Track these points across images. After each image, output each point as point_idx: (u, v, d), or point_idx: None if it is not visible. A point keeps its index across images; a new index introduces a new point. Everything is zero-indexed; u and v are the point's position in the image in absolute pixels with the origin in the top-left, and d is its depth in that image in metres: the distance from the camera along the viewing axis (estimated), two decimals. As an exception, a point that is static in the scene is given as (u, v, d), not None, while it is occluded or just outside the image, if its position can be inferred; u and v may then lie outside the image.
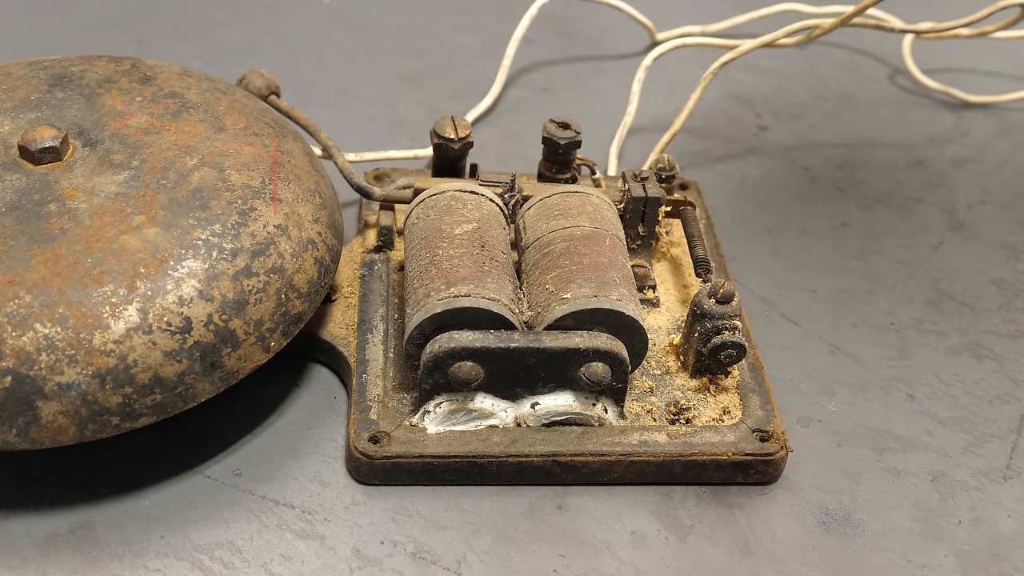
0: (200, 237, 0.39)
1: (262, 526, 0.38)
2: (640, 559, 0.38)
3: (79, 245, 0.37)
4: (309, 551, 0.37)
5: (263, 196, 0.41)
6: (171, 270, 0.38)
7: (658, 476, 0.40)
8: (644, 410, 0.42)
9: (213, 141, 0.43)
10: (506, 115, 0.64)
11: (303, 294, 0.41)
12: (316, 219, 0.43)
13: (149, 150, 0.42)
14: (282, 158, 0.44)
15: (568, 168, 0.50)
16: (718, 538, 0.39)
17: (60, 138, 0.41)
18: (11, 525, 0.38)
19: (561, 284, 0.40)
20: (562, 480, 0.40)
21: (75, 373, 0.35)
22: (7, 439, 0.35)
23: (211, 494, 0.39)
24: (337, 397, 0.44)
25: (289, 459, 0.41)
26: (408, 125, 0.62)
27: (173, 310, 0.37)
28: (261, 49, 0.69)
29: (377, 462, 0.39)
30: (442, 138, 0.49)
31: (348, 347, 0.43)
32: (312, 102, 0.62)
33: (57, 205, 0.39)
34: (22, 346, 0.35)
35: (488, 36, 0.71)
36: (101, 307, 0.36)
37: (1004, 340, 0.49)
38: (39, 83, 0.45)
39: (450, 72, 0.68)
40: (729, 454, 0.40)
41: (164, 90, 0.46)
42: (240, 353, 0.38)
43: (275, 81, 0.52)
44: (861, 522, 0.40)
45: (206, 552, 0.37)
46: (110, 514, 0.38)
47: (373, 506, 0.39)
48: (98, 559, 0.37)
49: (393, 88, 0.66)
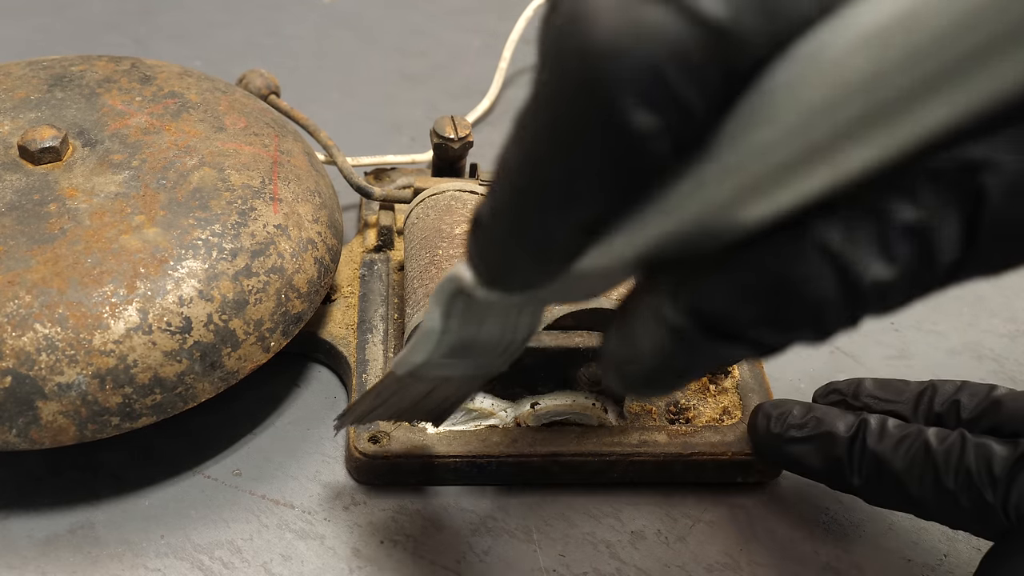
0: (200, 237, 0.39)
1: (262, 526, 0.38)
2: (640, 559, 0.38)
3: (79, 245, 0.37)
4: (309, 551, 0.37)
5: (263, 196, 0.41)
6: (171, 270, 0.38)
7: (658, 476, 0.40)
8: (644, 410, 0.42)
9: (213, 141, 0.43)
10: (506, 115, 0.63)
11: (303, 294, 0.41)
12: (316, 219, 0.43)
13: (149, 150, 0.42)
14: (282, 158, 0.44)
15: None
16: (718, 538, 0.39)
17: (60, 138, 0.41)
18: (11, 525, 0.38)
19: (561, 284, 0.40)
20: (562, 480, 0.40)
21: (75, 373, 0.35)
22: (7, 439, 0.35)
23: (211, 494, 0.39)
24: (337, 397, 0.44)
25: (289, 459, 0.41)
26: (408, 125, 0.62)
27: (173, 310, 0.37)
28: (261, 49, 0.69)
29: (377, 462, 0.39)
30: (442, 138, 0.49)
31: (348, 347, 0.43)
32: (312, 102, 0.62)
33: (57, 205, 0.39)
34: (22, 346, 0.35)
35: (488, 36, 0.71)
36: (101, 307, 0.36)
37: (1004, 340, 0.49)
38: (39, 83, 0.45)
39: (450, 72, 0.68)
40: (729, 454, 0.40)
41: (164, 90, 0.46)
42: (240, 353, 0.38)
43: (275, 81, 0.52)
44: (861, 522, 0.40)
45: (206, 552, 0.37)
46: (110, 514, 0.38)
47: (373, 506, 0.39)
48: (98, 559, 0.37)
49: (393, 88, 0.66)
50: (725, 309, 0.21)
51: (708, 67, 0.18)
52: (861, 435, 0.35)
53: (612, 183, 0.20)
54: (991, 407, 0.35)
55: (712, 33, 0.18)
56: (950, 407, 0.36)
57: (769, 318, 0.21)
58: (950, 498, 0.33)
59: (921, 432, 0.34)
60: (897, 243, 0.20)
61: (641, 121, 0.18)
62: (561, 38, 0.19)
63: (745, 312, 0.21)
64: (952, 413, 0.36)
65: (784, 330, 0.21)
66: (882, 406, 0.37)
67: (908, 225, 0.20)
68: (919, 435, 0.34)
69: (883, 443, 0.34)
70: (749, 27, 0.18)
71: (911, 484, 0.34)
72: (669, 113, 0.18)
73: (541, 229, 0.21)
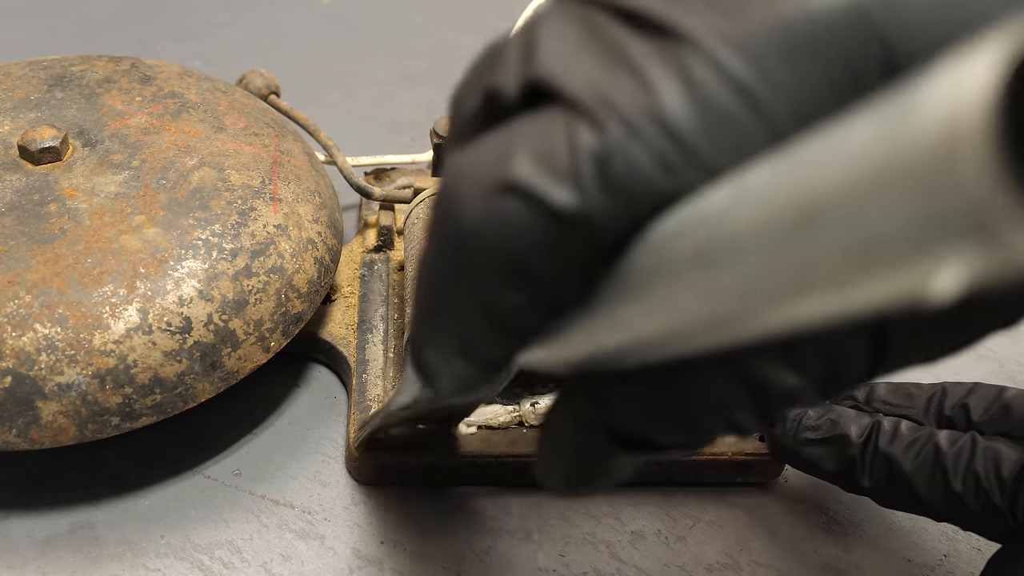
0: (200, 237, 0.39)
1: (262, 526, 0.38)
2: (640, 559, 0.38)
3: (79, 245, 0.37)
4: (309, 551, 0.37)
5: (263, 196, 0.41)
6: (171, 270, 0.38)
7: (658, 476, 0.40)
8: (644, 410, 0.42)
9: (213, 141, 0.43)
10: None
11: (303, 294, 0.41)
12: (316, 219, 0.43)
13: (149, 150, 0.42)
14: (282, 158, 0.44)
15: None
16: (718, 538, 0.39)
17: (60, 138, 0.41)
18: (11, 525, 0.38)
19: (561, 284, 0.40)
20: (562, 480, 0.40)
21: (75, 373, 0.35)
22: (7, 439, 0.35)
23: (211, 494, 0.39)
24: (337, 397, 0.44)
25: (289, 459, 0.41)
26: (408, 125, 0.62)
27: (173, 310, 0.37)
28: (261, 49, 0.69)
29: (377, 462, 0.39)
30: (442, 138, 0.49)
31: (348, 347, 0.43)
32: (312, 102, 0.62)
33: (57, 205, 0.39)
34: (22, 346, 0.35)
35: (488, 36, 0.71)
36: (101, 307, 0.36)
37: (1004, 340, 0.49)
38: (39, 83, 0.45)
39: (450, 72, 0.68)
40: (729, 454, 0.40)
41: (164, 90, 0.46)
42: (240, 353, 0.38)
43: (275, 81, 0.52)
44: (861, 522, 0.40)
45: (206, 552, 0.37)
46: (110, 514, 0.38)
47: (373, 506, 0.39)
48: (98, 559, 0.37)
49: (393, 88, 0.66)
50: (641, 425, 0.21)
51: (564, 251, 0.18)
52: (874, 437, 0.35)
53: (490, 342, 0.21)
54: (1001, 410, 0.35)
55: (563, 222, 0.18)
56: (960, 410, 0.36)
57: (684, 433, 0.21)
58: (958, 500, 0.33)
59: (932, 435, 0.34)
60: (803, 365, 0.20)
61: (506, 300, 0.19)
62: (439, 217, 0.20)
63: (663, 429, 0.21)
64: (962, 416, 0.36)
65: (700, 440, 0.21)
66: (895, 411, 0.37)
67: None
68: (930, 438, 0.34)
69: (894, 445, 0.35)
70: (599, 213, 0.18)
71: (920, 486, 0.34)
72: (532, 291, 0.19)
73: (432, 356, 0.23)
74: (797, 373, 0.20)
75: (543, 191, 0.18)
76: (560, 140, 0.18)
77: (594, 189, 0.18)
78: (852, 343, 0.20)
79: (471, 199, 0.19)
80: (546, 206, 0.18)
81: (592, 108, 0.18)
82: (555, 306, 0.20)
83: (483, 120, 0.21)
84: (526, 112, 0.19)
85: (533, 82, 0.19)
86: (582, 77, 0.18)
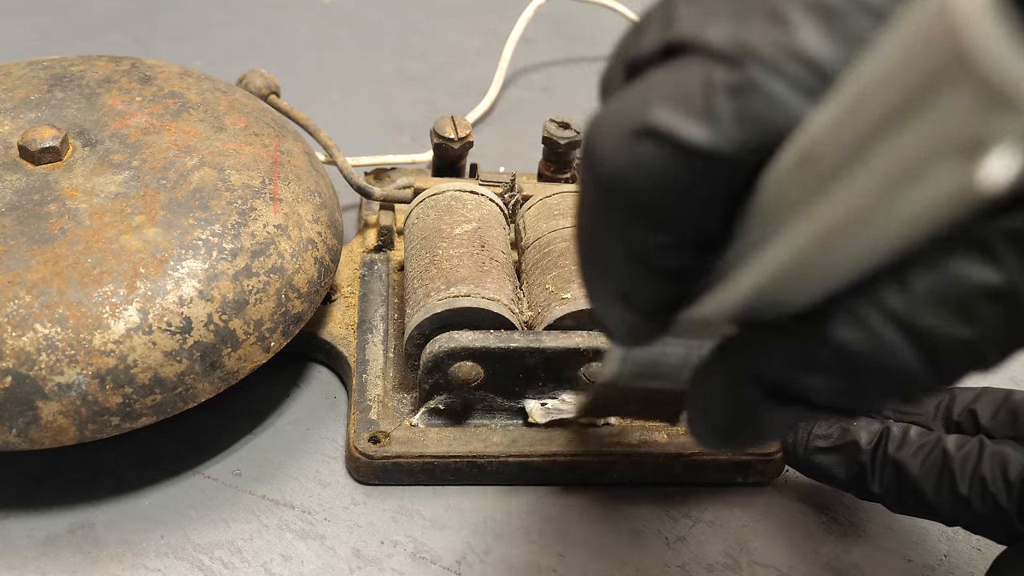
0: (200, 237, 0.39)
1: (262, 526, 0.38)
2: (640, 559, 0.38)
3: (79, 245, 0.37)
4: (309, 551, 0.37)
5: (263, 196, 0.41)
6: (171, 270, 0.38)
7: (658, 476, 0.40)
8: (644, 410, 0.42)
9: (213, 141, 0.43)
10: (506, 115, 0.64)
11: (303, 294, 0.41)
12: (316, 219, 0.43)
13: (149, 150, 0.42)
14: (282, 158, 0.44)
15: (568, 168, 0.50)
16: (718, 538, 0.39)
17: (60, 138, 0.41)
18: (11, 525, 0.38)
19: (561, 284, 0.40)
20: (562, 480, 0.40)
21: (75, 373, 0.35)
22: (7, 439, 0.35)
23: (211, 494, 0.39)
24: (337, 397, 0.44)
25: (289, 459, 0.41)
26: (408, 125, 0.62)
27: (173, 310, 0.37)
28: (261, 49, 0.69)
29: (377, 462, 0.39)
30: (442, 138, 0.49)
31: (348, 347, 0.43)
32: (312, 102, 0.62)
33: (57, 205, 0.39)
34: (22, 346, 0.35)
35: (488, 36, 0.71)
36: (101, 307, 0.36)
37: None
38: (39, 83, 0.45)
39: (450, 72, 0.68)
40: (729, 454, 0.40)
41: (164, 90, 0.46)
42: (240, 353, 0.38)
43: (275, 81, 0.52)
44: (861, 522, 0.40)
45: (206, 552, 0.37)
46: (110, 514, 0.38)
47: (373, 506, 0.39)
48: (98, 559, 0.37)
49: (393, 88, 0.66)
50: (790, 377, 0.20)
51: (702, 188, 0.19)
52: (883, 443, 0.35)
53: (644, 285, 0.21)
54: (1009, 414, 0.35)
55: (698, 157, 0.18)
56: (968, 415, 0.36)
57: (837, 390, 0.20)
58: (966, 504, 0.33)
59: (940, 440, 0.34)
60: (979, 305, 0.18)
61: (651, 240, 0.20)
62: (584, 168, 0.21)
63: (812, 383, 0.20)
64: (970, 421, 0.36)
65: (859, 400, 0.20)
66: (904, 416, 0.37)
67: (992, 288, 0.18)
68: (938, 443, 0.34)
69: (903, 451, 0.35)
70: (732, 147, 0.18)
71: (928, 491, 0.34)
72: (675, 230, 0.20)
73: (599, 305, 0.23)
74: (967, 323, 0.18)
75: (678, 129, 0.18)
76: (695, 82, 0.19)
77: (728, 123, 0.18)
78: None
79: (610, 147, 0.20)
80: (682, 143, 0.18)
81: (727, 50, 0.18)
82: (700, 245, 0.20)
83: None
84: (661, 65, 0.20)
85: (672, 44, 0.20)
86: (718, 28, 0.19)
